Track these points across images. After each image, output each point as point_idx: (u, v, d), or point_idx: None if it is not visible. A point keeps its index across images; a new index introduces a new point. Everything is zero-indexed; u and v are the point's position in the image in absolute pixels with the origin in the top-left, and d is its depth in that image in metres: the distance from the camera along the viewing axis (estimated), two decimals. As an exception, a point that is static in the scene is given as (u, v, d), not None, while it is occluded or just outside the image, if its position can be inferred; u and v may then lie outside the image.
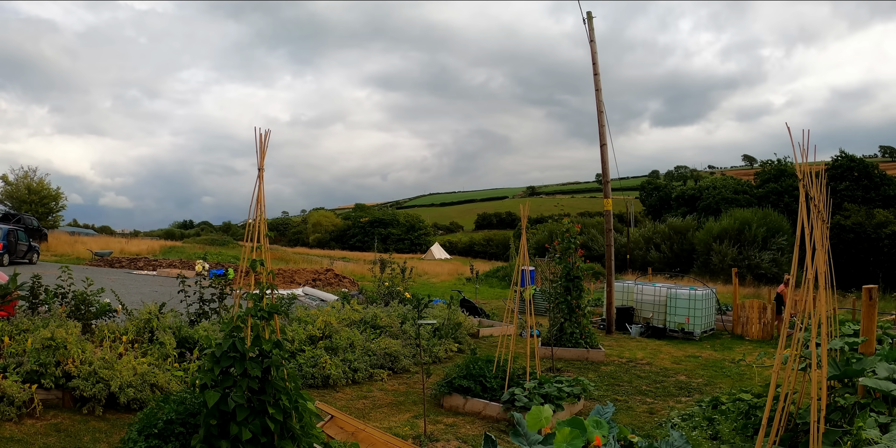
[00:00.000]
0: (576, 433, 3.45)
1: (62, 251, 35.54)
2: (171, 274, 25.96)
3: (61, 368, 6.61)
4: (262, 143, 4.72)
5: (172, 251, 40.97)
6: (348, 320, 10.69)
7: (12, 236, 25.61)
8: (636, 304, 15.86)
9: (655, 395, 8.81)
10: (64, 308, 8.28)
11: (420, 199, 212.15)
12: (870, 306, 5.47)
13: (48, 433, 5.82)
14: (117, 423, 6.26)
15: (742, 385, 8.81)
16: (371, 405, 7.78)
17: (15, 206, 47.34)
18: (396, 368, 9.67)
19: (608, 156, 15.84)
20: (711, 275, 37.44)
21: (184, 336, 8.10)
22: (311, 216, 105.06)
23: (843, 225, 41.08)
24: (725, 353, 12.55)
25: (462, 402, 7.67)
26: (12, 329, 7.32)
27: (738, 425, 6.20)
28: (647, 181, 71.90)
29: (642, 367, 10.88)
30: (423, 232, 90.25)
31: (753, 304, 15.40)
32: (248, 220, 4.76)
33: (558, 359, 10.76)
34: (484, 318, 15.76)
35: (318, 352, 8.91)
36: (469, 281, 29.44)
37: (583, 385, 8.09)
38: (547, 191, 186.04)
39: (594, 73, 15.90)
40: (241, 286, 5.08)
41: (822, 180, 4.90)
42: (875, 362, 5.04)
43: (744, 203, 50.38)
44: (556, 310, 11.97)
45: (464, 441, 6.45)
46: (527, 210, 8.29)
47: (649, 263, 40.60)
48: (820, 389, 4.35)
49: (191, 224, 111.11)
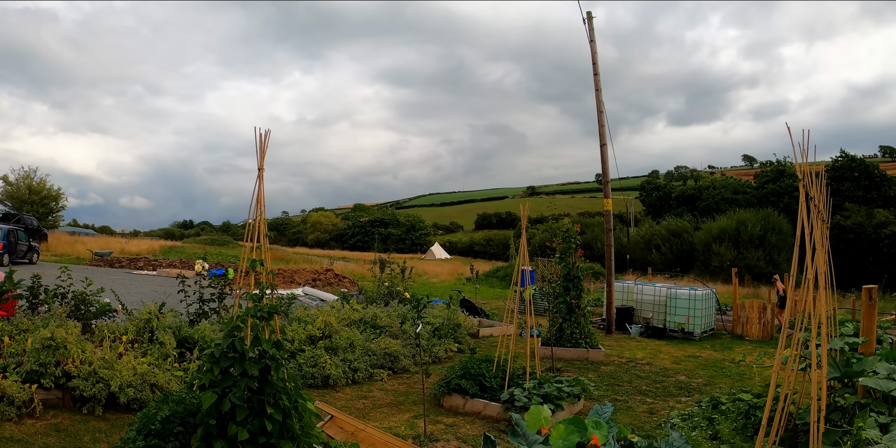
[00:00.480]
0: (570, 429, 3.46)
1: (62, 251, 35.55)
2: (171, 274, 25.97)
3: (61, 368, 6.61)
4: (261, 143, 4.71)
5: (172, 251, 40.99)
6: (348, 320, 10.69)
7: (12, 236, 25.61)
8: (636, 304, 15.85)
9: (655, 395, 8.81)
10: (64, 308, 8.28)
11: (420, 199, 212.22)
12: (870, 306, 5.47)
13: (48, 433, 5.82)
14: (117, 422, 6.26)
15: (742, 385, 8.80)
16: (371, 405, 7.78)
17: (15, 206, 47.36)
18: (396, 368, 9.67)
19: (608, 156, 15.85)
20: (711, 275, 37.45)
21: (184, 336, 8.09)
22: (310, 216, 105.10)
23: (843, 225, 41.09)
24: (725, 353, 12.55)
25: (462, 402, 7.67)
26: (12, 329, 7.32)
27: (738, 425, 6.20)
28: (646, 181, 71.94)
29: (642, 367, 10.88)
30: (423, 232, 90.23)
31: (753, 304, 15.40)
32: (248, 219, 4.76)
33: (558, 359, 10.76)
34: (484, 318, 15.76)
35: (317, 352, 8.90)
36: (469, 281, 29.45)
37: (583, 385, 8.09)
38: (547, 191, 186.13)
39: (594, 73, 15.92)
40: (240, 286, 5.07)
41: (822, 180, 4.90)
42: (875, 362, 5.04)
43: (743, 203, 50.44)
44: (555, 310, 11.97)
45: (464, 441, 6.45)
46: (527, 210, 8.28)
47: (649, 263, 40.60)
48: (820, 389, 4.35)
49: (191, 224, 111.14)
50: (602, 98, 15.93)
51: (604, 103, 15.96)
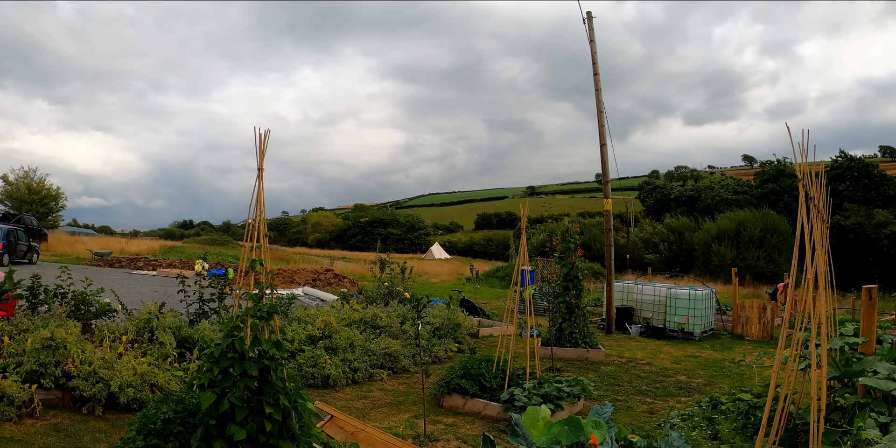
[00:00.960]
0: (549, 425, 3.48)
1: (62, 251, 35.55)
2: (170, 274, 25.97)
3: (61, 368, 6.61)
4: (261, 143, 4.71)
5: (172, 251, 40.99)
6: (348, 320, 10.69)
7: (12, 236, 25.62)
8: (636, 304, 15.85)
9: (655, 395, 8.80)
10: (64, 308, 8.27)
11: (420, 199, 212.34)
12: (869, 306, 5.47)
13: (48, 433, 5.82)
14: (117, 422, 6.26)
15: (742, 385, 8.80)
16: (371, 405, 7.78)
17: (15, 205, 47.38)
18: (396, 368, 9.67)
19: (608, 156, 15.85)
20: (711, 275, 37.45)
21: (184, 336, 8.09)
22: (310, 216, 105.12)
23: (842, 225, 41.07)
24: (725, 353, 12.55)
25: (462, 402, 7.67)
26: (12, 329, 7.31)
27: (738, 425, 6.20)
28: (646, 181, 71.84)
29: (642, 367, 10.88)
30: (422, 232, 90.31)
31: (753, 304, 15.40)
32: (248, 219, 4.76)
33: (558, 359, 10.76)
34: (484, 318, 15.76)
35: (317, 352, 8.90)
36: (469, 281, 29.45)
37: (582, 385, 8.08)
38: (547, 191, 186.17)
39: (594, 72, 15.91)
40: (240, 286, 5.07)
41: (821, 180, 4.90)
42: (875, 362, 5.04)
43: (743, 203, 50.38)
44: (555, 310, 11.96)
45: (464, 441, 6.45)
46: (526, 210, 8.28)
47: (649, 263, 40.64)
48: (819, 389, 4.35)
49: (191, 224, 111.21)
50: (602, 98, 15.92)
51: (604, 103, 15.96)
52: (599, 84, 15.94)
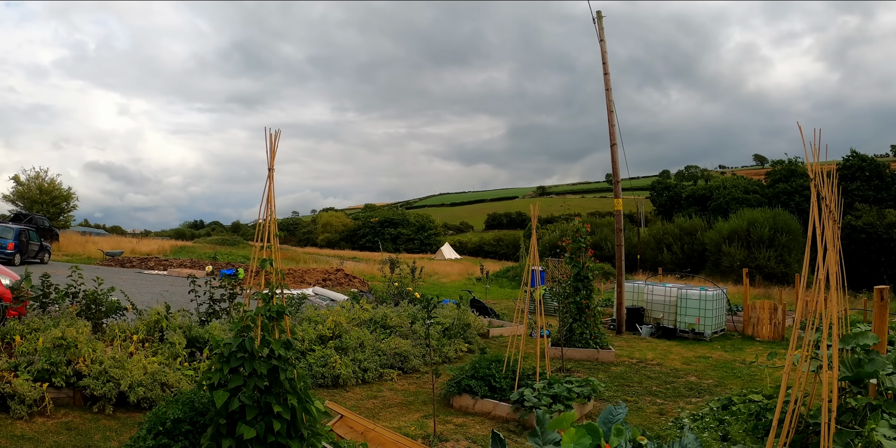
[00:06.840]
0: (581, 432, 3.44)
1: (73, 251, 35.77)
2: (181, 274, 26.10)
3: (72, 367, 6.64)
4: (272, 144, 4.73)
5: (183, 251, 41.18)
6: (358, 320, 10.70)
7: (24, 236, 25.80)
8: (647, 304, 15.80)
9: (665, 396, 8.77)
10: (75, 307, 8.32)
11: (430, 199, 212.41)
12: (881, 307, 5.43)
13: (59, 431, 5.86)
14: (127, 421, 6.29)
15: (753, 386, 8.76)
16: (381, 405, 7.79)
17: (26, 206, 47.74)
18: (406, 368, 9.67)
19: (619, 155, 15.80)
20: (722, 275, 37.30)
21: (194, 335, 8.12)
22: (321, 217, 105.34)
23: (854, 225, 40.85)
24: (736, 354, 12.49)
25: (472, 402, 7.66)
26: (23, 328, 7.36)
27: (749, 426, 6.17)
28: (657, 181, 71.61)
29: (652, 367, 10.85)
30: (433, 232, 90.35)
31: (764, 305, 15.31)
32: (259, 219, 4.77)
33: (568, 359, 10.74)
34: (494, 319, 15.75)
35: (328, 351, 8.92)
36: (479, 281, 29.41)
37: (593, 385, 8.06)
38: (557, 191, 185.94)
39: (604, 72, 15.86)
40: (251, 286, 5.09)
41: (833, 180, 4.87)
42: (887, 363, 5.00)
43: (754, 203, 50.21)
44: (565, 310, 11.93)
45: (473, 441, 6.44)
46: (537, 210, 8.27)
47: (660, 263, 40.48)
48: (831, 391, 4.32)
49: (201, 224, 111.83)
50: (612, 97, 15.88)
51: (613, 102, 15.92)
52: (609, 83, 15.89)
